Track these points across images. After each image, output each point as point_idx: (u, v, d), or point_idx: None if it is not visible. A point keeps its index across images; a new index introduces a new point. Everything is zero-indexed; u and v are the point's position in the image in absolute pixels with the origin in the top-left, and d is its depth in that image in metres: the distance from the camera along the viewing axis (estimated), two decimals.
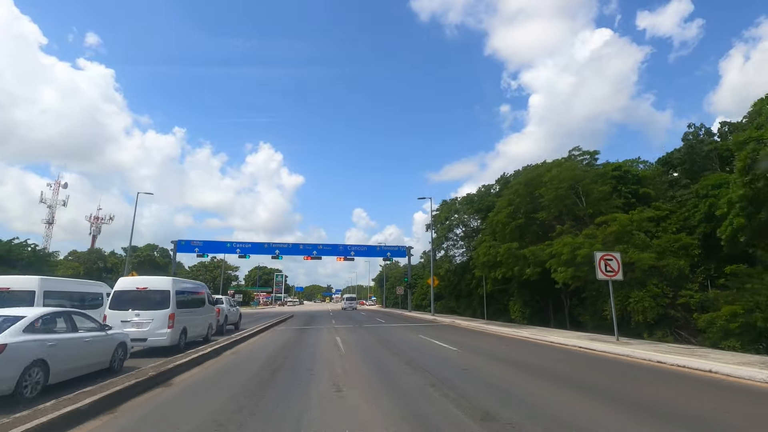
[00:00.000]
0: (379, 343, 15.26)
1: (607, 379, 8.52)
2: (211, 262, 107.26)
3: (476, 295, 31.80)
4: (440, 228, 33.24)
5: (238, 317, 22.59)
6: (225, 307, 19.76)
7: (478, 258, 24.93)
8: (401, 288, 49.48)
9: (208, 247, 40.26)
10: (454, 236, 33.24)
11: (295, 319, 32.61)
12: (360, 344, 14.81)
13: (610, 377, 8.67)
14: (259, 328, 20.62)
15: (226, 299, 20.81)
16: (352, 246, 42.79)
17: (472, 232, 32.65)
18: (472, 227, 33.74)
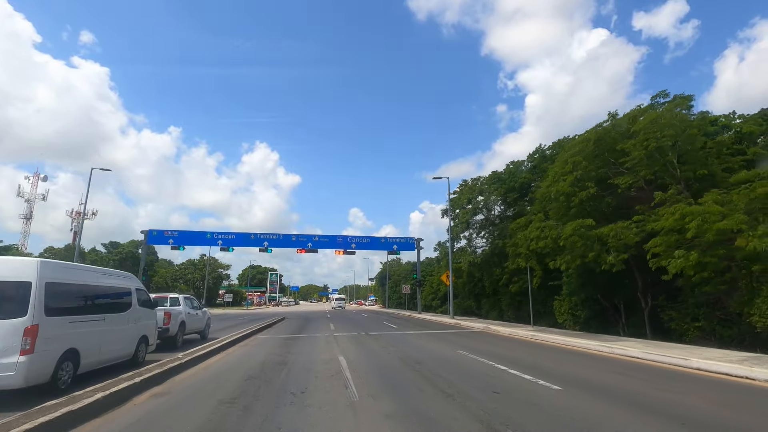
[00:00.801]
0: (406, 365, 9.68)
1: None
2: (201, 260, 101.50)
3: (505, 293, 26.30)
4: (461, 213, 27.72)
5: (205, 323, 17.02)
6: (181, 310, 14.37)
7: (519, 245, 19.36)
8: (407, 286, 43.90)
9: (185, 238, 34.54)
10: (478, 223, 27.78)
11: (286, 323, 26.94)
12: (378, 369, 9.23)
13: None
14: (233, 338, 15.02)
15: (184, 299, 15.25)
16: (352, 238, 37.18)
17: (497, 218, 27.14)
18: (496, 213, 28.22)
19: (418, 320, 29.00)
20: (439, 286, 42.25)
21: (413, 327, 22.40)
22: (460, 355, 11.33)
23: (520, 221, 20.47)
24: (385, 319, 30.80)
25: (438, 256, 33.43)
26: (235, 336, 15.92)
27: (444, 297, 42.16)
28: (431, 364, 9.86)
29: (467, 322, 23.24)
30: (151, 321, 10.72)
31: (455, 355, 11.34)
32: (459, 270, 35.09)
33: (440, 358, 10.94)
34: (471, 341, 15.11)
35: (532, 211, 20.20)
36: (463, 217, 27.47)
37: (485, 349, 12.84)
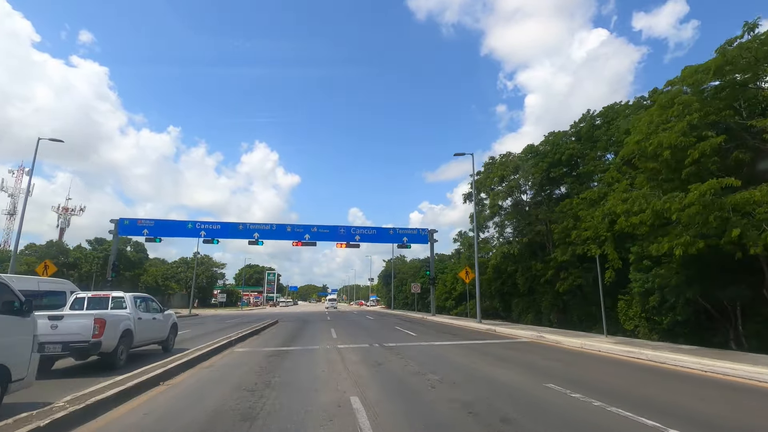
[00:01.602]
0: (483, 425, 4.86)
1: None
2: (194, 258, 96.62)
3: (546, 292, 21.59)
4: (491, 196, 22.84)
5: (168, 331, 12.73)
6: (127, 314, 10.35)
7: (585, 227, 14.62)
8: (417, 285, 39.07)
9: (162, 228, 29.76)
10: (509, 207, 22.97)
11: (279, 328, 22.22)
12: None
13: None
14: (197, 354, 10.36)
15: (133, 300, 11.12)
16: (357, 228, 32.39)
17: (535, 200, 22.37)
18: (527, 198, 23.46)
19: (436, 325, 24.20)
20: (454, 284, 37.43)
21: (437, 335, 17.64)
22: (559, 396, 6.53)
23: (588, 194, 15.72)
24: (395, 323, 26.00)
25: (459, 247, 28.68)
26: (201, 351, 11.20)
27: (460, 297, 37.37)
28: (528, 423, 5.07)
29: (503, 328, 18.46)
30: (13, 338, 6.02)
31: (553, 397, 6.54)
32: (482, 265, 30.32)
33: (531, 403, 6.16)
34: (540, 359, 10.35)
35: (606, 179, 15.43)
36: (493, 201, 22.61)
37: (585, 378, 8.07)
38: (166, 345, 12.52)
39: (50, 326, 8.47)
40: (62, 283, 12.21)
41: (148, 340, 11.51)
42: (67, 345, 8.50)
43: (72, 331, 8.55)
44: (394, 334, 17.99)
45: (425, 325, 23.88)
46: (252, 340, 16.59)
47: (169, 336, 12.73)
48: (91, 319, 8.78)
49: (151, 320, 11.68)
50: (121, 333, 9.60)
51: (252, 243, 30.77)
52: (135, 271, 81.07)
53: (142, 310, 11.36)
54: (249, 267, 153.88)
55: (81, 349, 8.63)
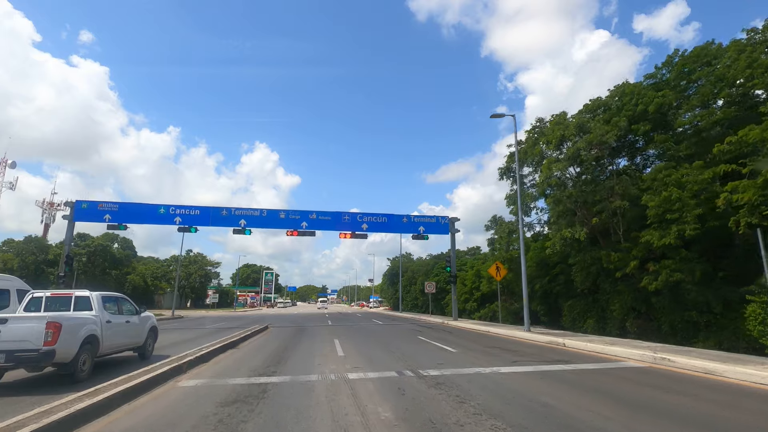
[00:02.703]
0: None
1: None
2: (187, 256, 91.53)
3: (621, 292, 16.35)
4: (546, 165, 17.30)
5: (146, 335, 11.24)
6: (92, 317, 8.75)
7: (740, 196, 9.40)
8: (432, 284, 33.74)
9: (128, 213, 24.55)
10: (570, 178, 17.65)
11: (265, 339, 17.12)
12: None
13: None
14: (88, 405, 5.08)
15: (102, 300, 9.55)
16: (364, 215, 27.16)
17: (605, 172, 16.99)
18: (578, 174, 18.24)
19: (468, 333, 18.98)
20: (477, 283, 32.18)
21: (485, 351, 12.45)
22: None
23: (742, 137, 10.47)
24: (414, 330, 20.78)
25: (493, 236, 23.38)
26: (107, 393, 6.03)
27: (483, 298, 32.12)
28: None
29: (572, 341, 13.22)
30: None
31: None
32: (513, 260, 25.08)
33: None
34: (729, 414, 5.14)
35: None
36: (547, 172, 17.06)
37: None
38: (143, 352, 11.14)
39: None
40: (7, 279, 10.84)
41: (121, 346, 10.10)
42: (12, 354, 7.19)
43: (19, 338, 7.28)
44: (424, 350, 12.80)
45: (455, 334, 18.65)
46: (221, 359, 11.39)
47: (147, 341, 11.25)
48: (43, 322, 7.43)
49: (124, 324, 10.19)
50: (83, 339, 8.17)
51: (238, 232, 25.52)
52: (123, 270, 75.81)
53: (112, 312, 9.92)
54: (247, 267, 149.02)
55: (29, 359, 7.27)
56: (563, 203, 16.86)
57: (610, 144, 15.96)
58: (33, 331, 7.29)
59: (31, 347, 7.21)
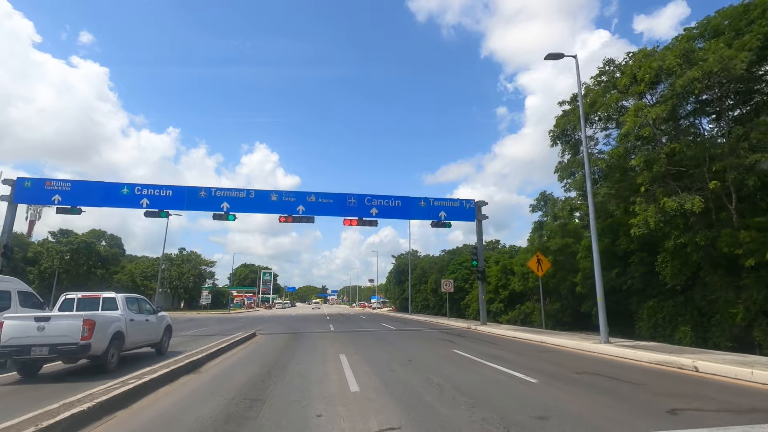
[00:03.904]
0: None
1: None
2: (180, 254, 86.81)
3: (748, 288, 11.64)
4: (632, 112, 12.44)
5: (163, 332, 12.17)
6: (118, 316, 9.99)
7: None
8: (449, 282, 29.02)
9: (83, 194, 19.80)
10: (662, 132, 12.89)
11: (243, 356, 12.56)
12: None
13: None
14: None
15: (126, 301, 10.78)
16: (373, 198, 22.44)
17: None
18: None
19: (522, 347, 14.42)
20: (504, 280, 27.48)
21: (594, 386, 7.84)
22: None
23: None
24: (440, 339, 16.20)
25: (543, 218, 18.69)
26: None
27: (511, 298, 27.44)
28: None
29: (707, 361, 8.59)
30: None
31: None
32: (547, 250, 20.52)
33: None
34: None
35: None
36: (634, 119, 12.05)
37: None
38: (159, 348, 12.15)
39: (36, 328, 8.28)
40: (8, 281, 11.13)
41: (141, 342, 11.18)
42: (55, 347, 8.25)
43: (60, 333, 8.32)
44: (483, 378, 8.18)
45: (500, 345, 14.01)
46: (139, 409, 6.69)
47: (163, 338, 12.34)
48: (80, 320, 8.56)
49: (144, 322, 11.27)
50: (112, 335, 9.31)
51: (219, 217, 20.82)
52: (111, 268, 71.13)
53: (134, 312, 10.99)
54: (245, 266, 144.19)
55: (69, 352, 8.43)
56: (660, 163, 12.16)
57: (737, 74, 11.30)
58: (72, 328, 8.40)
59: (70, 341, 8.32)
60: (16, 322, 8.37)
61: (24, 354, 8.15)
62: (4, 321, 8.37)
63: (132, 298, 11.44)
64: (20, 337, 8.18)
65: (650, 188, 12.58)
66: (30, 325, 8.31)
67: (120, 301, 10.46)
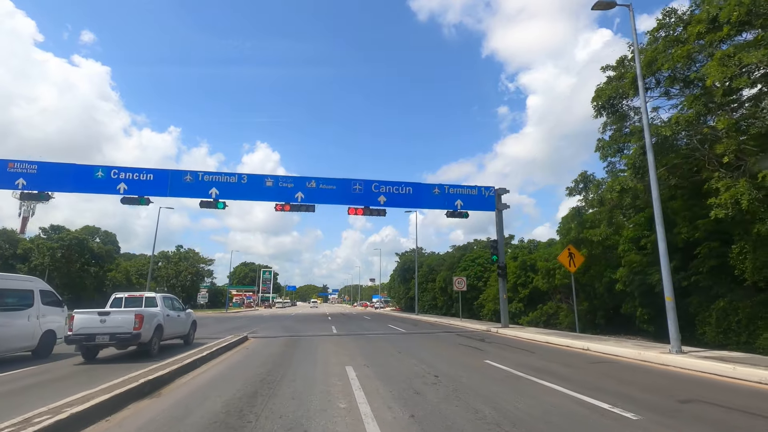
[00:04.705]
0: None
1: None
2: (177, 252, 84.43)
3: None
4: (712, 68, 10.05)
5: (190, 326, 14.42)
6: (158, 312, 11.90)
7: None
8: (462, 279, 26.56)
9: (52, 178, 17.32)
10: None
11: (231, 363, 10.03)
12: None
13: None
14: None
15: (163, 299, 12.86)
16: (381, 184, 20.00)
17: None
18: None
19: (570, 356, 12.07)
20: (523, 277, 25.05)
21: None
22: None
23: None
24: (461, 345, 13.82)
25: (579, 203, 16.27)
26: None
27: (532, 297, 25.00)
28: None
29: None
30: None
31: None
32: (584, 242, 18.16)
33: None
34: None
35: None
36: (721, 72, 9.44)
37: None
38: (187, 339, 14.20)
39: (99, 320, 10.28)
40: (29, 280, 11.83)
41: (174, 334, 13.08)
42: (114, 336, 10.22)
43: (117, 325, 10.27)
44: (563, 412, 5.72)
45: (542, 356, 11.58)
46: None
47: (190, 331, 14.36)
48: (132, 314, 10.47)
49: (176, 317, 13.24)
50: (155, 327, 11.23)
51: (207, 205, 18.41)
52: (106, 266, 68.79)
53: (169, 308, 12.89)
54: (245, 265, 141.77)
55: (124, 339, 10.33)
56: (764, 121, 9.70)
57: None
58: (126, 320, 10.37)
59: (125, 331, 10.30)
60: (83, 316, 10.44)
61: (90, 341, 10.24)
62: (75, 315, 10.40)
63: (167, 297, 13.57)
64: (87, 327, 10.26)
65: (740, 157, 10.10)
66: (94, 318, 10.40)
67: (159, 300, 12.69)
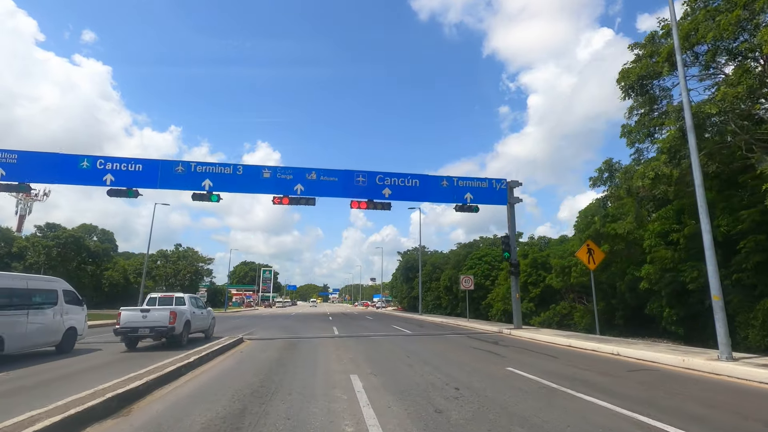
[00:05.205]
0: None
1: None
2: (176, 251, 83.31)
3: None
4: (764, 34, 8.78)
5: (210, 323, 16.76)
6: (186, 309, 14.19)
7: None
8: (469, 278, 25.35)
9: (33, 168, 16.03)
10: None
11: (218, 373, 8.78)
12: None
13: None
14: None
15: (190, 299, 15.19)
16: (386, 176, 18.81)
17: None
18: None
19: (606, 364, 10.89)
20: (535, 276, 23.86)
21: None
22: None
23: None
24: (475, 348, 12.65)
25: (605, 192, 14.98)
26: None
27: (542, 297, 23.82)
28: None
29: None
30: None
31: None
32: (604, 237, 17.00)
33: None
34: None
35: None
36: None
37: None
38: (207, 333, 16.36)
39: (141, 316, 12.60)
40: (53, 281, 12.76)
41: (198, 328, 15.36)
42: (153, 329, 12.52)
43: (156, 320, 12.56)
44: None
45: (565, 360, 10.40)
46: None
47: (210, 327, 16.67)
48: (167, 311, 12.80)
49: (200, 314, 15.57)
50: (185, 322, 13.59)
51: (200, 197, 17.21)
52: (104, 265, 67.59)
53: (194, 307, 15.15)
54: (245, 264, 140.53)
55: (161, 332, 12.58)
56: None
57: None
58: (163, 316, 12.61)
59: (162, 325, 12.51)
60: (129, 313, 12.66)
61: (133, 333, 12.43)
62: (122, 311, 12.64)
63: (193, 297, 15.87)
64: (131, 321, 12.43)
65: None
66: (137, 314, 12.62)
67: (186, 299, 14.87)
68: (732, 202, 12.10)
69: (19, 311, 10.30)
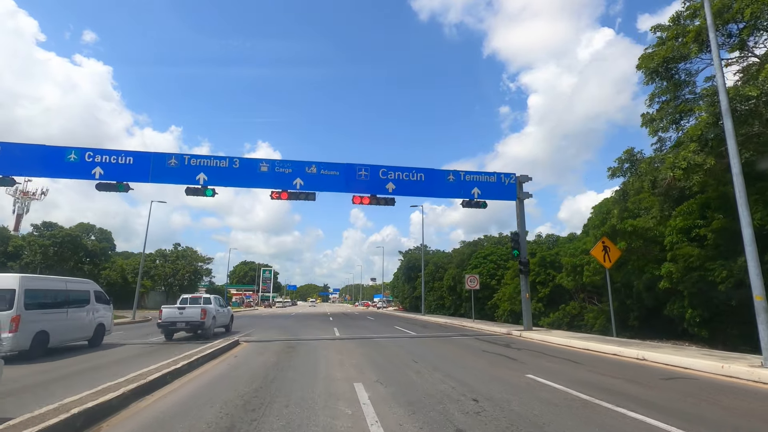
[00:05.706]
0: None
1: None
2: (174, 250, 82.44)
3: None
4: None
5: (229, 319, 19.95)
6: (212, 307, 16.95)
7: None
8: (475, 277, 24.47)
9: (16, 160, 15.11)
10: None
11: (209, 380, 7.83)
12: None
13: None
14: None
15: (214, 299, 18.38)
16: (389, 170, 17.94)
17: None
18: None
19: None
20: (544, 276, 22.94)
21: None
22: None
23: None
24: (488, 353, 11.81)
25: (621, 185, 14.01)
26: None
27: (551, 297, 22.93)
28: None
29: None
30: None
31: None
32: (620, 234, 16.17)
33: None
34: None
35: None
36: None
37: None
38: (228, 327, 19.52)
39: (178, 312, 15.43)
40: (87, 283, 14.19)
41: (221, 324, 18.33)
42: (188, 323, 15.42)
43: (190, 316, 15.40)
44: None
45: (587, 366, 9.55)
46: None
47: (230, 322, 19.88)
48: (199, 309, 15.70)
49: (222, 312, 18.61)
50: (212, 318, 16.30)
51: (194, 192, 16.35)
52: (101, 264, 66.72)
53: (218, 305, 18.04)
54: (244, 264, 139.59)
55: (195, 326, 15.51)
56: None
57: None
58: (196, 313, 15.43)
59: (196, 320, 15.36)
60: (168, 310, 15.69)
61: (172, 326, 15.41)
62: (163, 309, 15.67)
63: (216, 297, 18.92)
64: (170, 317, 15.37)
65: None
66: (176, 311, 15.61)
67: (212, 299, 17.94)
68: (764, 195, 11.26)
69: (60, 310, 11.82)
